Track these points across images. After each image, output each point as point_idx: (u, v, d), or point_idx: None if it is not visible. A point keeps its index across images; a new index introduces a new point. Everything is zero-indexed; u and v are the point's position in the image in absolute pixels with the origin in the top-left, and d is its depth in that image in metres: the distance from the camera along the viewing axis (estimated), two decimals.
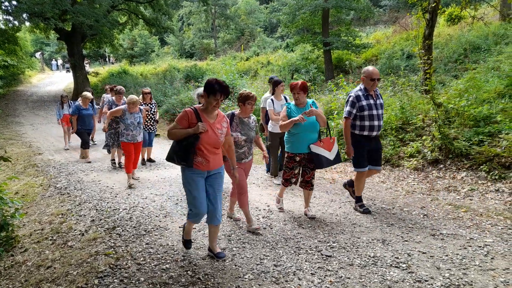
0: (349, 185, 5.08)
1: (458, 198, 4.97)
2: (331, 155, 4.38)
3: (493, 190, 4.98)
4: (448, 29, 15.36)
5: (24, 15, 17.31)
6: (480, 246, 3.58)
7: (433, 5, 8.20)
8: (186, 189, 3.42)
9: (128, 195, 5.65)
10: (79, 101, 8.29)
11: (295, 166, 4.49)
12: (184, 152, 3.23)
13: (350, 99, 4.51)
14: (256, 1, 37.27)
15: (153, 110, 7.74)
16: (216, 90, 3.23)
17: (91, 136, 9.45)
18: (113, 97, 7.81)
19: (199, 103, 5.22)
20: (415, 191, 5.39)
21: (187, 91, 14.49)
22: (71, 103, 9.79)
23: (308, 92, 5.56)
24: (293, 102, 4.56)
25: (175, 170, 7.16)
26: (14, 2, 16.17)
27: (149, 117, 7.58)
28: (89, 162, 8.02)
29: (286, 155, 4.53)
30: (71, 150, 9.55)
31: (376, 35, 20.22)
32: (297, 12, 17.22)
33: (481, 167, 5.37)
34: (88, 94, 8.31)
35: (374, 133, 4.54)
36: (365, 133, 4.50)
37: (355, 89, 4.61)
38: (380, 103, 4.57)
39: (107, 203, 5.29)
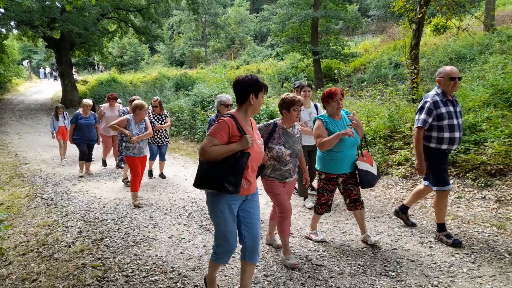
0: (402, 211, 4.42)
1: None
2: (374, 170, 3.84)
3: (480, 198, 5.05)
4: (434, 39, 15.70)
5: (12, 23, 17.19)
6: (467, 254, 3.62)
7: (419, 16, 8.38)
8: (218, 220, 2.71)
9: (116, 205, 5.58)
10: (80, 110, 7.67)
11: (335, 188, 3.89)
12: (235, 176, 2.53)
13: (426, 105, 3.77)
14: (246, 10, 37.63)
15: (162, 122, 6.99)
16: (263, 85, 2.70)
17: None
18: (128, 108, 7.07)
19: (217, 114, 4.97)
20: (403, 199, 5.43)
21: (177, 99, 14.46)
22: (66, 114, 9.29)
23: None
24: (323, 112, 3.93)
25: (164, 180, 7.11)
26: (2, 10, 16.01)
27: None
28: (91, 173, 7.61)
29: (323, 176, 3.83)
30: (67, 166, 8.68)
31: (364, 45, 20.53)
32: (287, 21, 17.42)
33: (468, 174, 5.45)
34: (88, 101, 7.68)
35: (454, 147, 3.86)
36: (444, 146, 3.80)
37: (430, 94, 3.90)
38: (459, 111, 3.88)
39: (95, 213, 5.22)
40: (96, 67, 37.46)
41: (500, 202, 4.83)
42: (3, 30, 17.80)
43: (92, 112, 7.82)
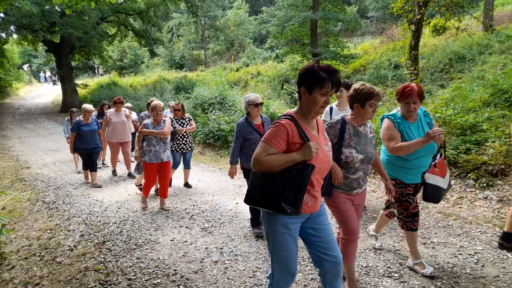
0: (507, 240, 3.68)
1: (448, 206, 5.03)
2: (445, 182, 3.26)
3: (482, 198, 5.04)
4: (433, 40, 15.71)
5: (12, 27, 17.23)
6: (470, 254, 3.62)
7: (418, 17, 8.40)
8: (275, 244, 2.24)
9: (118, 208, 5.58)
10: (80, 117, 7.07)
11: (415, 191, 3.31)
12: (296, 193, 2.06)
13: None
14: (246, 12, 37.68)
15: (186, 126, 6.38)
16: (324, 78, 2.09)
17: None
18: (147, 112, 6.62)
19: (246, 117, 4.34)
20: None
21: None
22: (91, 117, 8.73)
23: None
24: (395, 111, 3.43)
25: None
26: (2, 15, 16.06)
27: (181, 134, 6.35)
28: (99, 186, 6.92)
29: (395, 182, 3.25)
30: (69, 170, 8.56)
31: (363, 46, 20.56)
32: (286, 23, 17.46)
33: (469, 175, 5.45)
34: (89, 106, 7.08)
35: None
36: None
37: None
38: None
39: (97, 217, 5.22)
40: (96, 71, 37.51)
41: (502, 202, 4.83)
42: (3, 35, 17.85)
43: (93, 117, 7.34)
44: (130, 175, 7.56)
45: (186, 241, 4.25)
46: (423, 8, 8.39)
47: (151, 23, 21.27)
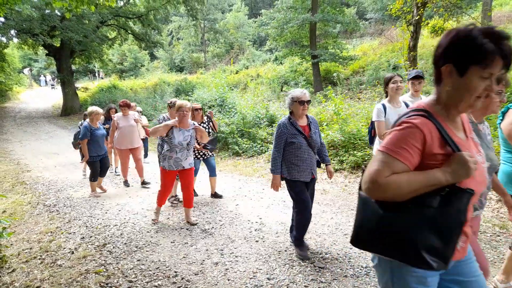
0: None
1: None
2: None
3: None
4: (432, 41, 15.75)
5: (12, 32, 17.29)
6: None
7: (417, 18, 8.43)
8: None
9: (119, 211, 5.59)
10: (87, 120, 6.45)
11: None
12: (445, 238, 1.35)
13: None
14: (245, 15, 37.78)
15: (208, 131, 5.82)
16: (489, 50, 1.30)
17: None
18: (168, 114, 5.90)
19: (290, 117, 3.71)
20: None
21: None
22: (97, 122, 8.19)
23: None
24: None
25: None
26: (2, 19, 16.13)
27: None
28: (104, 191, 6.72)
29: None
30: (69, 172, 8.50)
31: (362, 47, 20.60)
32: (285, 26, 17.49)
33: None
34: (98, 109, 6.52)
35: None
36: None
37: None
38: None
39: (97, 219, 5.23)
40: (96, 74, 37.59)
41: (501, 202, 4.84)
42: (4, 39, 17.91)
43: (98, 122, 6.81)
44: (144, 183, 7.04)
45: (187, 243, 4.26)
46: (422, 9, 8.42)
47: (151, 27, 21.34)
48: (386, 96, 4.05)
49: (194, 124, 4.77)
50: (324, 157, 4.01)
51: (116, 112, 7.86)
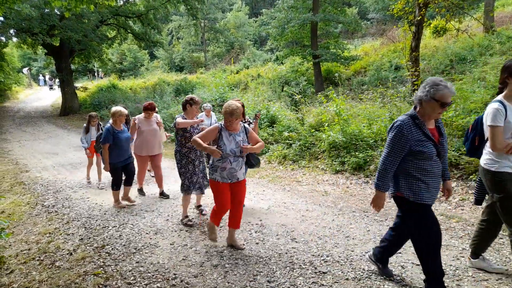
0: None
1: (450, 208, 4.99)
2: None
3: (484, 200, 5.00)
4: (434, 41, 15.71)
5: (12, 31, 17.23)
6: None
7: (419, 18, 8.39)
8: None
9: (118, 212, 5.54)
10: (110, 122, 5.64)
11: None
12: None
13: None
14: (245, 15, 37.75)
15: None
16: None
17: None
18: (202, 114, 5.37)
19: (414, 113, 2.74)
20: None
21: (177, 104, 14.45)
22: (100, 125, 7.25)
23: None
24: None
25: (165, 186, 7.08)
26: (1, 18, 16.08)
27: None
28: (132, 203, 5.86)
29: None
30: (68, 173, 8.37)
31: (364, 47, 20.57)
32: (286, 25, 17.46)
33: (471, 176, 5.42)
34: (122, 109, 5.65)
35: None
36: None
37: None
38: None
39: (96, 220, 5.18)
40: (96, 74, 37.55)
41: None
42: (3, 38, 17.86)
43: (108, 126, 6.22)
44: (162, 195, 6.30)
45: (186, 244, 4.22)
46: (424, 10, 8.38)
47: (150, 26, 21.26)
48: (501, 92, 3.04)
49: (245, 126, 3.97)
50: (445, 171, 3.00)
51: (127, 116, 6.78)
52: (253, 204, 5.70)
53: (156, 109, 6.44)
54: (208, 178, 4.43)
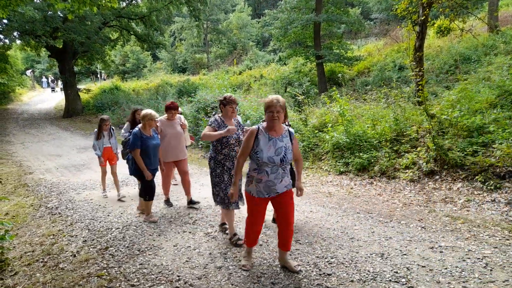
0: None
1: (455, 210, 4.95)
2: None
3: (489, 201, 4.96)
4: (438, 41, 15.63)
5: (15, 33, 17.31)
6: (479, 258, 3.54)
7: (423, 18, 8.33)
8: None
9: (121, 213, 5.54)
10: (139, 126, 5.06)
11: None
12: None
13: None
14: (248, 15, 37.72)
15: None
16: None
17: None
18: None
19: None
20: (412, 203, 5.36)
21: (180, 106, 14.43)
22: (112, 130, 6.60)
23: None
24: None
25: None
26: (5, 21, 16.16)
27: None
28: (155, 221, 5.10)
29: None
30: (71, 175, 8.29)
31: (367, 48, 20.49)
32: (289, 26, 17.42)
33: (477, 177, 5.37)
34: (153, 112, 5.05)
35: None
36: None
37: None
38: None
39: (100, 222, 5.18)
40: (98, 75, 37.65)
41: (510, 204, 4.75)
42: (7, 41, 17.96)
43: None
44: (191, 203, 5.75)
45: (190, 246, 4.20)
46: (427, 9, 8.33)
47: (153, 27, 21.31)
48: None
49: (289, 130, 3.36)
50: None
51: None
52: None
53: (180, 109, 5.79)
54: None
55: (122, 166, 6.64)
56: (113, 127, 6.67)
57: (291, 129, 3.39)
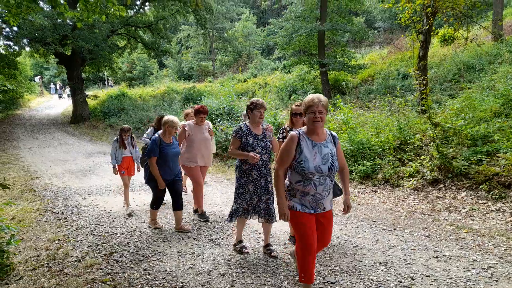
0: None
1: (460, 219, 4.93)
2: None
3: (494, 210, 4.94)
4: (442, 50, 15.65)
5: (25, 40, 17.59)
6: (484, 268, 3.52)
7: (427, 27, 8.37)
8: None
9: (126, 219, 5.58)
10: (159, 132, 4.84)
11: None
12: None
13: None
14: (253, 24, 38.04)
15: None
16: None
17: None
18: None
19: None
20: (416, 211, 5.35)
21: None
22: (133, 140, 6.22)
23: None
24: None
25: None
26: (15, 28, 16.45)
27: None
28: (159, 227, 5.10)
29: None
30: (78, 180, 8.33)
31: (371, 56, 20.54)
32: (293, 34, 17.52)
33: (481, 186, 5.35)
34: (176, 119, 4.78)
35: None
36: None
37: None
38: None
39: (105, 227, 5.22)
40: (106, 82, 38.01)
41: None
42: (16, 48, 18.23)
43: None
44: (202, 217, 5.38)
45: (194, 252, 4.22)
46: (432, 19, 8.37)
47: (160, 35, 21.55)
48: None
49: (332, 134, 3.01)
50: None
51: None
52: None
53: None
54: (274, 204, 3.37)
55: (138, 174, 6.49)
56: (133, 137, 6.31)
57: (334, 133, 3.04)
